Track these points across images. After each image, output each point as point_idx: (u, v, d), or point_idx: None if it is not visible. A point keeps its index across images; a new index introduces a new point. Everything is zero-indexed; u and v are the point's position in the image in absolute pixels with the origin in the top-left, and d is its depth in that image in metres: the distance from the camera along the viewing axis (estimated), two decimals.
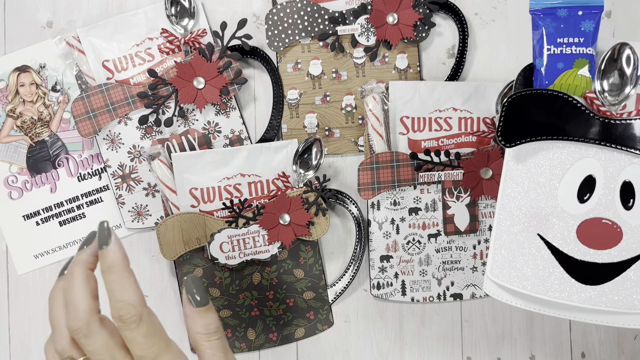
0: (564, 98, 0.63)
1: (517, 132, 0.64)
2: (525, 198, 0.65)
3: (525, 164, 0.65)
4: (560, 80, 0.67)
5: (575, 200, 0.64)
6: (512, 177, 0.65)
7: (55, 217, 0.88)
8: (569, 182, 0.64)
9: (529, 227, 0.64)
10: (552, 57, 0.67)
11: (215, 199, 0.85)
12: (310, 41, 0.87)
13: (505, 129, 0.64)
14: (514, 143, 0.64)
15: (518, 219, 0.65)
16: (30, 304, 0.89)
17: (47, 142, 0.88)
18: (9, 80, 0.88)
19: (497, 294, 0.67)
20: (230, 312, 0.86)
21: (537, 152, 0.65)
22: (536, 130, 0.64)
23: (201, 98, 0.85)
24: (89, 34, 0.86)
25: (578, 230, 0.64)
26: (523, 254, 0.64)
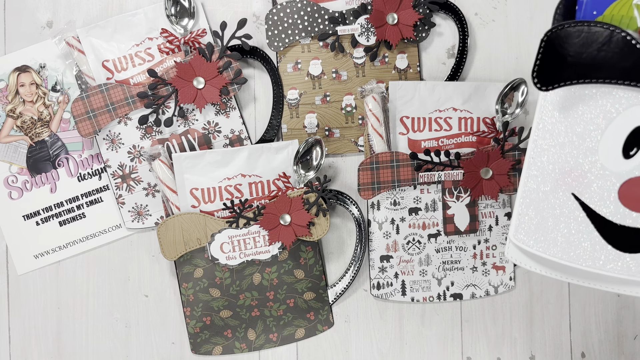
0: (614, 32, 0.52)
1: (556, 74, 0.54)
2: (560, 152, 0.55)
3: (563, 111, 0.55)
4: (612, 11, 0.56)
5: (620, 155, 0.54)
6: (545, 127, 0.56)
7: (55, 217, 0.88)
8: (614, 134, 0.54)
9: (563, 186, 0.55)
10: None
11: (215, 199, 0.85)
12: (310, 41, 0.87)
13: (542, 69, 0.54)
14: (552, 86, 0.54)
15: (550, 176, 0.55)
16: (30, 304, 0.89)
17: (47, 142, 0.88)
18: (9, 80, 0.88)
19: (520, 260, 0.59)
20: (230, 313, 0.86)
21: (578, 97, 0.55)
22: (578, 71, 0.53)
23: (201, 98, 0.85)
24: (89, 34, 0.86)
25: (620, 190, 0.54)
26: (554, 215, 0.55)
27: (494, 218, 0.87)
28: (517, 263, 0.59)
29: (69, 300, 0.89)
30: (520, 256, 0.58)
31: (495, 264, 0.88)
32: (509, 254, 0.59)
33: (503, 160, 0.84)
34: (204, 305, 0.86)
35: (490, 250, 0.88)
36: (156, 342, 0.89)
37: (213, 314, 0.86)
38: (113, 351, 0.89)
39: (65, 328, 0.89)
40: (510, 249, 0.58)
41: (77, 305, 0.89)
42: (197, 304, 0.86)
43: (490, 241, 0.87)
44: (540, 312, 0.89)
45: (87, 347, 0.89)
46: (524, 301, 0.89)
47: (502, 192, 0.85)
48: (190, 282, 0.85)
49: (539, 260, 0.57)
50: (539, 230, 0.56)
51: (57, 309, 0.89)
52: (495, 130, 0.86)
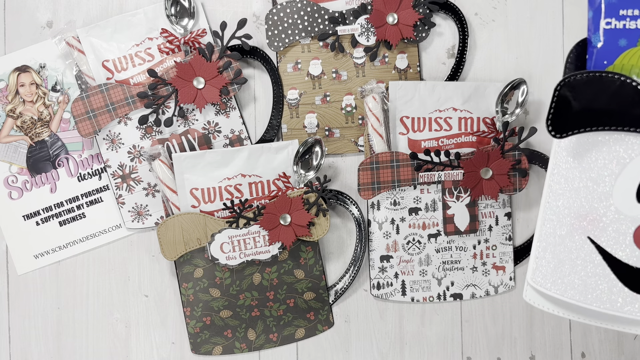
0: (625, 81, 0.53)
1: (569, 121, 0.55)
2: (575, 196, 0.57)
3: (577, 157, 0.56)
4: (622, 60, 0.57)
5: (634, 199, 0.56)
6: (560, 172, 0.57)
7: (55, 217, 0.88)
8: (628, 179, 0.56)
9: (579, 229, 0.56)
10: (612, 33, 0.57)
11: (215, 199, 0.85)
12: (310, 41, 0.87)
13: (556, 117, 0.55)
14: (565, 133, 0.55)
15: (566, 220, 0.57)
16: (30, 303, 0.89)
17: (47, 142, 0.88)
18: (9, 80, 0.88)
19: (538, 302, 0.60)
20: (230, 313, 0.86)
21: (591, 144, 0.56)
22: (591, 119, 0.54)
23: (201, 98, 0.85)
24: (89, 34, 0.86)
25: (635, 233, 0.56)
26: (570, 259, 0.56)
27: (494, 218, 0.87)
28: (535, 305, 0.60)
29: (69, 300, 0.89)
30: (539, 298, 0.59)
31: (495, 264, 0.88)
32: (527, 297, 0.60)
33: (503, 160, 0.84)
34: (204, 305, 0.86)
35: (490, 250, 0.88)
36: (156, 342, 0.89)
37: (213, 314, 0.86)
38: (113, 351, 0.89)
39: (65, 328, 0.89)
40: (529, 291, 0.59)
41: (77, 305, 0.89)
42: (197, 304, 0.86)
43: (490, 241, 0.87)
44: (540, 312, 0.89)
45: (87, 347, 0.89)
46: (524, 301, 0.89)
47: (502, 192, 0.85)
48: (190, 282, 0.85)
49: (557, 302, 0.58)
50: (556, 273, 0.57)
51: (57, 309, 0.89)
52: (495, 130, 0.86)
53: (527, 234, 0.89)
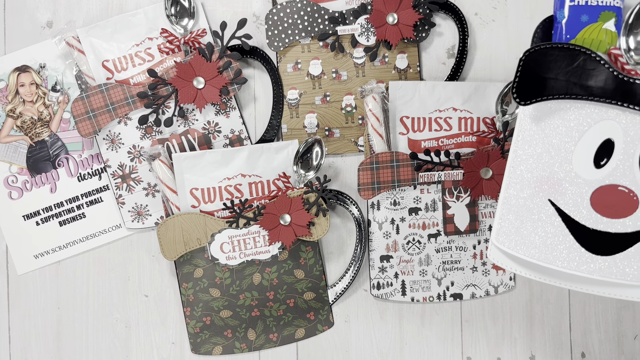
0: (586, 53, 0.57)
1: (534, 90, 0.59)
2: (537, 161, 0.60)
3: (540, 124, 0.60)
4: (583, 35, 0.61)
5: (591, 165, 0.59)
6: (524, 139, 0.61)
7: (55, 217, 0.88)
8: (586, 146, 0.59)
9: (540, 192, 0.60)
10: (575, 9, 0.61)
11: (215, 199, 0.85)
12: (310, 41, 0.87)
13: (521, 85, 0.60)
14: (530, 101, 0.59)
15: (529, 183, 0.60)
16: (30, 303, 0.89)
17: (47, 142, 0.88)
18: (9, 80, 0.88)
19: (502, 261, 0.63)
20: (230, 313, 0.86)
21: (554, 111, 0.60)
22: (554, 87, 0.59)
23: (201, 98, 0.85)
24: (89, 34, 0.86)
25: (592, 197, 0.59)
26: (532, 220, 0.60)
27: (494, 218, 0.87)
28: (498, 264, 0.63)
29: (69, 300, 0.89)
30: (502, 257, 0.63)
31: (495, 264, 0.88)
32: (491, 256, 0.63)
33: (503, 160, 0.84)
34: (204, 305, 0.86)
35: None
36: (156, 342, 0.89)
37: (213, 314, 0.86)
38: (113, 351, 0.89)
39: (65, 328, 0.89)
40: (492, 250, 0.63)
41: (77, 305, 0.89)
42: (197, 304, 0.86)
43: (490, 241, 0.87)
44: (540, 312, 0.89)
45: (87, 347, 0.89)
46: (524, 301, 0.89)
47: None
48: (190, 282, 0.85)
49: (519, 261, 0.62)
50: (518, 233, 0.60)
51: (57, 308, 0.89)
52: (495, 130, 0.86)
53: None
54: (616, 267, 0.59)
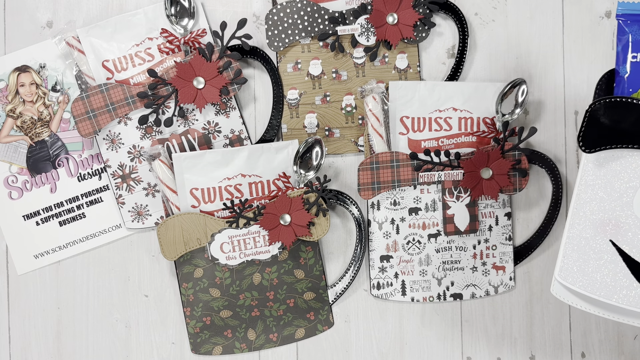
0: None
1: (598, 139, 0.64)
2: (600, 204, 0.65)
3: (602, 170, 0.65)
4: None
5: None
6: (587, 183, 0.66)
7: (55, 217, 0.88)
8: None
9: (602, 233, 0.65)
10: (637, 65, 0.67)
11: (215, 199, 0.85)
12: (310, 41, 0.87)
13: (587, 135, 0.65)
14: (594, 149, 0.65)
15: (592, 224, 0.65)
16: (30, 303, 0.89)
17: (47, 142, 0.88)
18: (9, 80, 0.88)
19: (564, 296, 0.67)
20: (230, 313, 0.86)
21: (616, 159, 0.65)
22: (616, 137, 0.64)
23: (201, 98, 0.85)
24: (89, 34, 0.86)
25: None
26: (594, 259, 0.65)
27: (494, 218, 0.87)
28: (562, 299, 0.68)
29: (69, 300, 0.89)
30: (565, 293, 0.68)
31: (495, 264, 0.88)
32: (555, 291, 0.69)
33: (503, 160, 0.84)
34: (204, 305, 0.86)
35: (490, 250, 0.88)
36: (156, 342, 0.89)
37: (213, 314, 0.86)
38: (113, 351, 0.89)
39: (65, 328, 0.89)
40: (556, 286, 0.68)
41: (77, 305, 0.89)
42: (197, 304, 0.86)
43: (490, 241, 0.87)
44: (540, 312, 0.89)
45: (87, 347, 0.89)
46: (524, 301, 0.89)
47: (502, 192, 0.85)
48: (190, 282, 0.85)
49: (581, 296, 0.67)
50: (581, 271, 0.65)
51: (57, 309, 0.89)
52: (495, 130, 0.86)
53: (527, 234, 0.89)
54: None
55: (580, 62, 0.89)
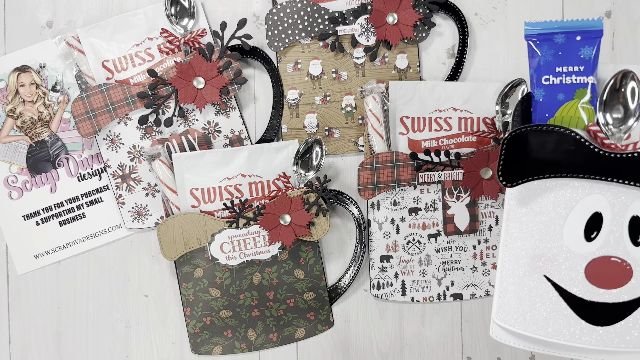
0: (565, 133, 0.59)
1: (518, 171, 0.61)
2: (529, 239, 0.62)
3: (528, 203, 0.62)
4: (562, 113, 0.62)
5: (582, 239, 0.61)
6: (514, 218, 0.62)
7: (55, 217, 0.88)
8: (575, 221, 0.61)
9: (535, 269, 0.61)
10: (551, 88, 0.63)
11: (215, 199, 0.85)
12: (310, 41, 0.87)
13: (506, 168, 0.61)
14: (516, 182, 0.61)
15: (523, 261, 0.61)
16: (30, 303, 0.89)
17: (47, 142, 0.88)
18: (9, 80, 0.88)
19: (505, 338, 0.64)
20: (230, 313, 0.86)
21: (540, 191, 0.61)
22: (538, 168, 0.60)
23: (201, 98, 0.85)
24: (89, 34, 0.86)
25: (586, 270, 0.61)
26: (530, 296, 0.61)
27: (493, 218, 0.87)
28: (502, 341, 0.64)
29: (69, 300, 0.89)
30: (504, 334, 0.64)
31: (495, 264, 0.88)
32: (494, 334, 0.64)
33: None
34: (204, 305, 0.86)
35: (490, 250, 0.88)
36: (156, 342, 0.89)
37: (213, 314, 0.86)
38: (113, 351, 0.89)
39: (65, 328, 0.89)
40: (495, 328, 0.64)
41: (77, 305, 0.89)
42: (197, 304, 0.86)
43: (490, 241, 0.87)
44: None
45: (87, 347, 0.89)
46: None
47: (502, 192, 0.85)
48: (190, 282, 0.85)
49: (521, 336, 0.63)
50: (518, 310, 0.62)
51: (57, 309, 0.89)
52: (495, 130, 0.86)
53: None
54: (616, 335, 0.60)
55: None
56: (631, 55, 0.89)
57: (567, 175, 0.60)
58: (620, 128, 0.61)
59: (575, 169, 0.60)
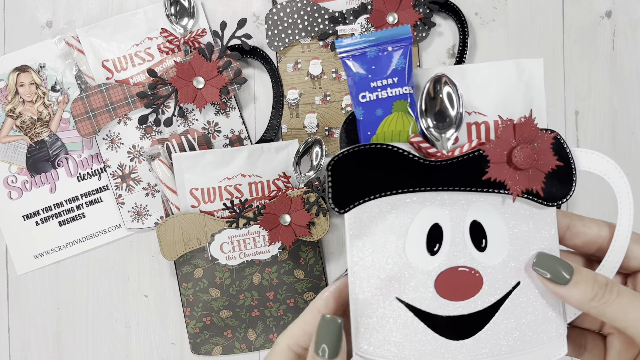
0: (387, 149, 0.56)
1: (348, 196, 0.57)
2: (375, 262, 0.57)
3: (367, 226, 0.58)
4: (383, 128, 0.59)
5: (426, 254, 0.57)
6: (354, 245, 0.58)
7: (54, 217, 0.88)
8: (415, 237, 0.57)
9: (384, 291, 0.57)
10: (369, 105, 0.59)
11: (215, 199, 0.85)
12: (310, 41, 0.87)
13: (336, 194, 0.57)
14: (348, 207, 0.57)
15: (373, 285, 0.57)
16: (30, 304, 0.89)
17: (47, 142, 0.88)
18: (8, 80, 0.88)
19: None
20: (230, 313, 0.86)
21: (376, 211, 0.57)
22: (367, 189, 0.56)
23: (201, 98, 0.85)
24: (88, 33, 0.86)
25: (436, 285, 0.57)
26: (387, 321, 0.57)
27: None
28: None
29: (68, 300, 0.89)
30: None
31: None
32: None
33: None
34: (203, 305, 0.86)
35: None
36: (156, 343, 0.89)
37: (213, 314, 0.86)
38: (113, 351, 0.89)
39: (65, 328, 0.89)
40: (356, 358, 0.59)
41: (77, 305, 0.89)
42: (197, 304, 0.85)
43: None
44: None
45: (87, 347, 0.89)
46: None
47: None
48: (190, 282, 0.85)
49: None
50: (377, 338, 0.57)
51: (56, 309, 0.89)
52: None
53: None
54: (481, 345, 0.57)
55: (581, 62, 0.89)
56: (632, 55, 0.89)
57: (399, 191, 0.57)
58: (444, 135, 0.58)
59: (404, 184, 0.56)
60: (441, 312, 0.57)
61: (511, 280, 0.56)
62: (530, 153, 0.53)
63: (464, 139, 0.59)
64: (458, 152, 0.56)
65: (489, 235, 0.57)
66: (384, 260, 0.57)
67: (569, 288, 0.52)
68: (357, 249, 0.57)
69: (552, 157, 0.54)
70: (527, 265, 0.56)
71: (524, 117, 0.54)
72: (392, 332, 0.57)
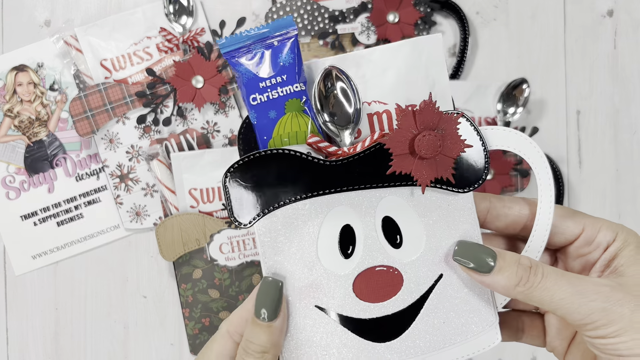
0: (282, 154, 0.52)
1: (251, 207, 0.53)
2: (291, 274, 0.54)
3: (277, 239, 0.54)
4: (278, 131, 0.55)
5: (340, 258, 0.54)
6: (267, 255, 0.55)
7: (53, 218, 0.88)
8: (327, 241, 0.54)
9: (304, 301, 0.54)
10: (260, 107, 0.55)
11: (214, 199, 0.84)
12: (310, 40, 0.87)
13: (237, 209, 0.54)
14: (253, 220, 0.53)
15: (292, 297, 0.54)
16: (28, 304, 0.88)
17: (45, 141, 0.88)
18: (6, 80, 0.87)
19: None
20: (229, 314, 0.85)
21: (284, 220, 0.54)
22: (270, 198, 0.53)
23: (200, 97, 0.84)
24: (87, 33, 0.85)
25: (354, 288, 0.54)
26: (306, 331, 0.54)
27: None
28: None
29: (67, 301, 0.88)
30: None
31: None
32: None
33: (505, 159, 0.83)
34: (202, 306, 0.85)
35: None
36: (155, 344, 0.89)
37: (212, 315, 0.85)
38: (111, 352, 0.89)
39: (63, 329, 0.88)
40: None
41: (75, 306, 0.89)
42: (196, 305, 0.85)
43: None
44: None
45: (85, 348, 0.89)
46: None
47: (503, 192, 0.85)
48: (189, 283, 0.85)
49: None
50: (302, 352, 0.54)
51: (55, 309, 0.88)
52: None
53: None
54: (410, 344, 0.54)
55: (582, 61, 0.89)
56: (633, 55, 0.89)
57: (301, 198, 0.53)
58: (345, 131, 0.54)
59: (306, 189, 0.53)
60: (364, 316, 0.54)
61: (433, 274, 0.53)
62: (432, 140, 0.49)
63: (367, 131, 0.55)
64: (360, 147, 0.52)
65: (403, 230, 0.54)
66: (299, 269, 0.54)
67: (493, 275, 0.49)
68: (270, 259, 0.54)
69: (459, 140, 0.50)
70: (448, 255, 0.53)
71: (423, 103, 0.49)
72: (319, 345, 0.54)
